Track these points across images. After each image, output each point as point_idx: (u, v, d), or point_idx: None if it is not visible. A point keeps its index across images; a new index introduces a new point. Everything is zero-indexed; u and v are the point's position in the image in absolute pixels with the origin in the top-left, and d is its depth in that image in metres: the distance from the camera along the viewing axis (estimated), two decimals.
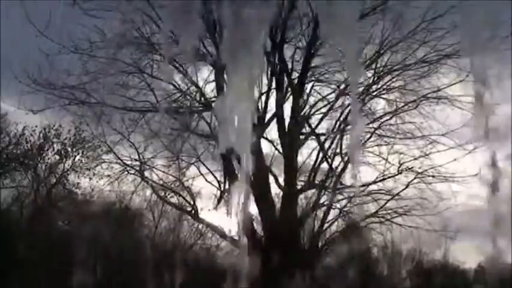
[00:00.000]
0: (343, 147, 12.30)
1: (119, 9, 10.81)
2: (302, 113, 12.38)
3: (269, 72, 12.07)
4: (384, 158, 12.90)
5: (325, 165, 12.54)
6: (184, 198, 13.49)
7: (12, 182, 21.61)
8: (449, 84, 11.92)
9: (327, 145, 12.53)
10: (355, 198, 13.10)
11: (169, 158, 12.89)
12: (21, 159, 21.27)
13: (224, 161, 11.79)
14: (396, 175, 12.83)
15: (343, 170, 12.35)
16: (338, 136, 12.31)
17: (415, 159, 12.74)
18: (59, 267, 20.00)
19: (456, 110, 11.96)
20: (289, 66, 12.22)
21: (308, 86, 12.63)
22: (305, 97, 12.52)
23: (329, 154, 12.47)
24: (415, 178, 12.76)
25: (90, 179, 19.16)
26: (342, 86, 12.32)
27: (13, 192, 21.79)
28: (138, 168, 12.87)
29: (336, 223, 13.92)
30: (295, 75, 12.25)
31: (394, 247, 28.58)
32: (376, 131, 12.85)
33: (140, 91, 12.05)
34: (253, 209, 11.60)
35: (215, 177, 12.57)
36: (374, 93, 12.57)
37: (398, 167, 12.78)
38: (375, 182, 12.95)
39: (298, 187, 12.32)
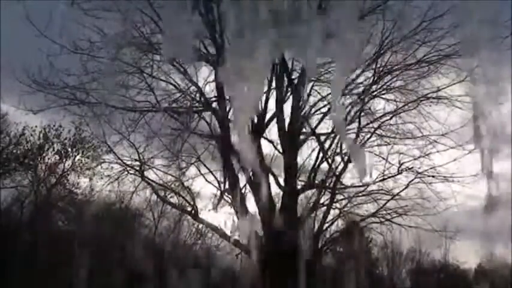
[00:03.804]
0: (343, 147, 12.32)
1: (119, 9, 10.81)
2: (302, 113, 12.38)
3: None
4: (383, 158, 12.92)
5: (325, 165, 12.55)
6: (184, 198, 13.50)
7: (12, 182, 21.64)
8: (449, 84, 11.93)
9: (326, 145, 12.53)
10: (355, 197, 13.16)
11: (169, 158, 12.91)
12: (21, 159, 21.28)
13: (224, 161, 11.81)
14: (396, 175, 12.85)
15: (343, 170, 12.37)
16: (338, 136, 12.30)
17: (415, 159, 12.75)
18: (58, 267, 20.01)
19: (456, 110, 11.98)
20: (289, 66, 12.21)
21: (308, 86, 12.64)
22: (305, 97, 12.52)
23: (329, 154, 12.47)
24: (415, 178, 12.78)
25: (90, 179, 19.17)
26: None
27: (13, 192, 21.82)
28: (138, 168, 12.87)
29: (335, 223, 13.98)
30: (295, 75, 12.25)
31: (394, 247, 28.64)
32: (376, 131, 12.86)
33: (140, 91, 12.06)
34: (253, 209, 11.63)
35: (215, 177, 12.59)
36: (374, 93, 12.57)
37: (398, 167, 12.79)
38: (374, 182, 12.97)
39: (298, 187, 12.32)
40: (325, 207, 12.67)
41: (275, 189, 12.05)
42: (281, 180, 11.97)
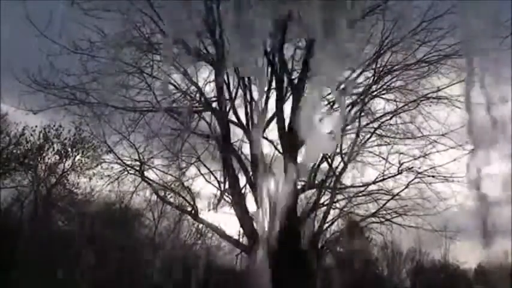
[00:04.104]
0: (343, 147, 12.33)
1: (119, 9, 10.81)
2: None
3: (269, 72, 12.06)
4: (384, 158, 12.93)
5: (325, 165, 12.56)
6: (184, 198, 13.49)
7: (12, 182, 21.65)
8: (449, 84, 11.93)
9: None
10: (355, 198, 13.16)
11: (169, 158, 12.91)
12: (21, 159, 21.30)
13: (224, 161, 11.81)
14: (396, 175, 12.86)
15: (343, 170, 12.37)
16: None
17: (415, 159, 12.76)
18: (58, 267, 20.01)
19: (456, 110, 11.98)
20: (289, 66, 12.21)
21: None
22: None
23: (329, 154, 12.46)
24: (415, 178, 12.79)
25: (90, 179, 19.18)
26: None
27: (13, 192, 21.84)
28: (138, 168, 12.87)
29: (336, 223, 13.99)
30: (295, 75, 12.25)
31: (394, 247, 28.66)
32: (376, 131, 12.86)
33: (140, 91, 12.06)
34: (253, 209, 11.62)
35: (215, 177, 12.59)
36: (374, 93, 12.57)
37: (399, 167, 12.80)
38: (374, 182, 12.97)
39: (298, 187, 12.32)
40: (325, 207, 12.67)
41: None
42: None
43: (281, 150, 12.20)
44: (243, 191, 11.69)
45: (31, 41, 10.87)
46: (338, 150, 12.36)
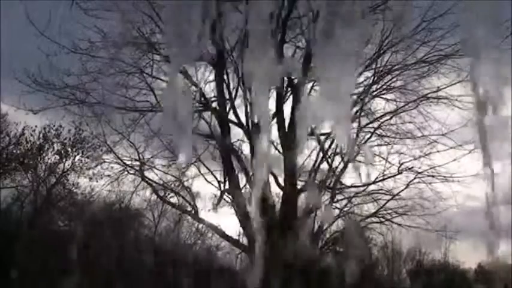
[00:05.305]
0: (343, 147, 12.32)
1: (119, 9, 10.81)
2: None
3: None
4: (384, 158, 12.94)
5: (325, 165, 12.55)
6: (184, 198, 13.50)
7: (12, 182, 21.61)
8: (449, 84, 11.94)
9: (326, 145, 12.53)
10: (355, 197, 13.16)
11: (169, 158, 12.92)
12: (21, 159, 21.27)
13: (224, 161, 11.80)
14: (396, 175, 12.87)
15: (343, 170, 12.37)
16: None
17: (415, 159, 12.77)
18: (58, 267, 20.00)
19: (456, 110, 11.99)
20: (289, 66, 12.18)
21: (308, 86, 12.62)
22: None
23: (329, 154, 12.47)
24: (415, 178, 12.80)
25: (90, 179, 19.14)
26: None
27: (13, 192, 21.81)
28: (138, 168, 12.87)
29: (335, 223, 14.00)
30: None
31: (394, 247, 28.65)
32: (376, 131, 12.86)
33: (140, 91, 12.06)
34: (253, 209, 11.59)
35: (215, 177, 12.59)
36: (374, 93, 12.57)
37: (398, 167, 12.80)
38: (374, 182, 12.98)
39: (298, 187, 12.31)
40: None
41: (275, 189, 12.05)
42: (281, 180, 11.97)
43: (281, 150, 12.20)
44: (243, 191, 11.69)
45: (31, 41, 10.89)
46: (338, 150, 12.39)
